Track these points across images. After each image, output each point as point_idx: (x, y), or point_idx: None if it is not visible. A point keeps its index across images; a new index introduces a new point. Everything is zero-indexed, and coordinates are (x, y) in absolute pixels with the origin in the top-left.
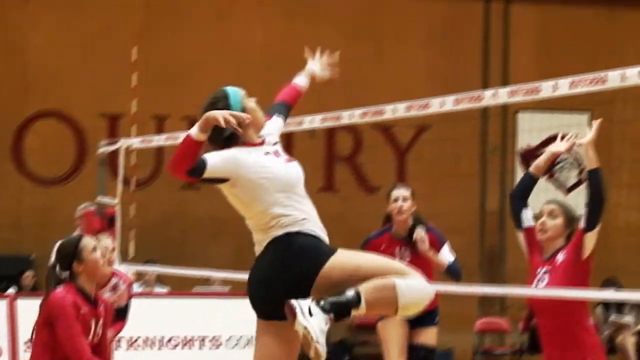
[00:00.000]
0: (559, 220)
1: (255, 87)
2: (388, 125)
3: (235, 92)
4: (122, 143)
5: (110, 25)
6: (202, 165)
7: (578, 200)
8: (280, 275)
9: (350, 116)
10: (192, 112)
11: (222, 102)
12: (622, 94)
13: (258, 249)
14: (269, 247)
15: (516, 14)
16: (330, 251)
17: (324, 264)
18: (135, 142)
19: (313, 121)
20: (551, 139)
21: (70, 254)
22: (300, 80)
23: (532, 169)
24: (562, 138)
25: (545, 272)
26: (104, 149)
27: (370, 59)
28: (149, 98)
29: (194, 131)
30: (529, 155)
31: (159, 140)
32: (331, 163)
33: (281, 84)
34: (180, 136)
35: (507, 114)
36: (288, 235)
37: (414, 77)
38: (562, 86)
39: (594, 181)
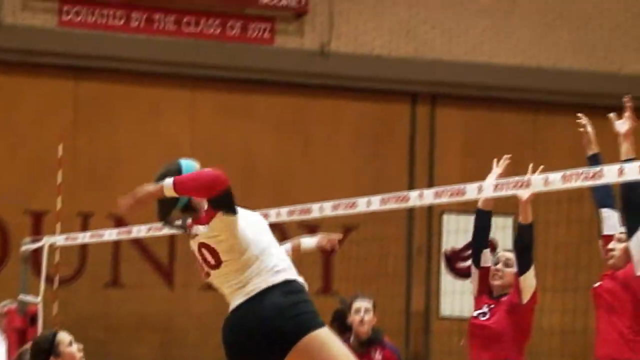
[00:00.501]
0: (514, 270)
1: None
2: (315, 224)
3: (188, 165)
4: (46, 241)
5: (38, 121)
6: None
7: None
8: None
9: (277, 214)
10: (117, 210)
11: (174, 174)
12: (545, 197)
13: (240, 298)
14: (268, 293)
15: (442, 116)
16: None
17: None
18: (60, 239)
19: None
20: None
21: (46, 350)
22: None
23: (480, 204)
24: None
25: (489, 308)
26: (28, 246)
27: (299, 157)
28: (75, 195)
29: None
30: (454, 256)
31: (83, 237)
32: None
33: None
34: (105, 233)
35: (432, 214)
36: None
37: (342, 176)
38: (487, 189)
39: (524, 232)
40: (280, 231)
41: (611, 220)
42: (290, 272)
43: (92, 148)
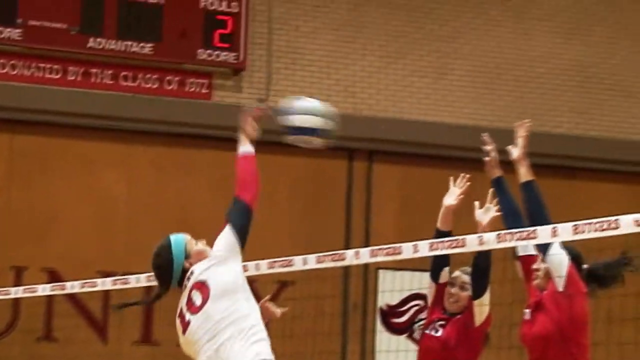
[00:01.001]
0: (469, 293)
1: (119, 239)
2: (250, 280)
3: (178, 241)
4: None
5: None
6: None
7: None
8: None
9: None
10: (52, 264)
11: (164, 252)
12: None
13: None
14: None
15: (379, 172)
16: None
17: None
18: None
19: None
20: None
21: None
22: None
23: (438, 224)
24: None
25: (440, 324)
26: None
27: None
28: (8, 248)
29: (247, 148)
30: (390, 313)
31: (16, 292)
32: None
33: (145, 237)
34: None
35: (368, 272)
36: None
37: (278, 232)
38: (423, 248)
39: (481, 255)
40: None
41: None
42: (267, 349)
43: (26, 201)
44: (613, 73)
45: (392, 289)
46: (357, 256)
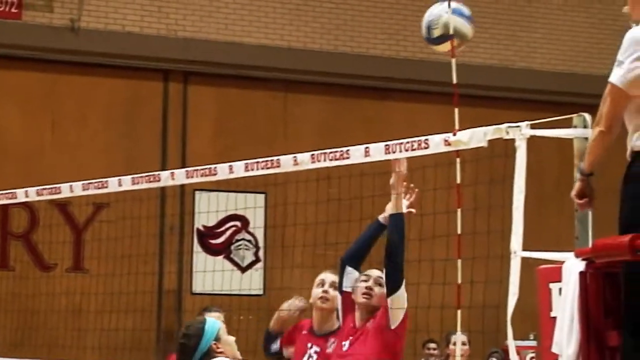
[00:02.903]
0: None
1: None
2: (65, 203)
3: (212, 328)
4: None
5: None
6: None
7: (252, 278)
8: None
9: (26, 194)
10: None
11: (194, 339)
12: (295, 176)
13: None
14: None
15: (194, 94)
16: None
17: None
18: None
19: None
20: (227, 219)
21: None
22: None
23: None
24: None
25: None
26: None
27: (49, 134)
28: None
29: None
30: (207, 234)
31: None
32: (5, 241)
33: None
34: None
35: (184, 193)
36: None
37: (93, 154)
38: (238, 169)
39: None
40: (30, 210)
41: (352, 276)
42: None
43: None
44: None
45: (208, 210)
46: (173, 177)
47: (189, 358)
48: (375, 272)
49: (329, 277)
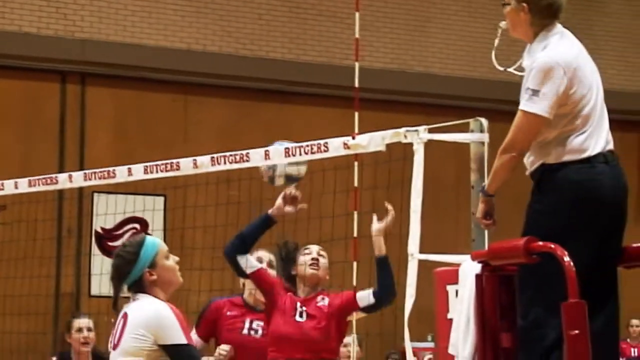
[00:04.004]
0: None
1: None
2: None
3: (151, 245)
4: None
5: None
6: None
7: None
8: None
9: None
10: None
11: (133, 250)
12: (195, 179)
13: None
14: None
15: (93, 96)
16: None
17: None
18: None
19: None
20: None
21: None
22: None
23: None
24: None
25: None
26: None
27: None
28: None
29: None
30: (106, 237)
31: None
32: None
33: None
34: None
35: (83, 196)
36: None
37: None
38: (137, 171)
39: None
40: None
41: (250, 258)
42: None
43: None
44: None
45: (106, 212)
46: (71, 180)
47: (120, 283)
48: (314, 246)
49: (265, 255)
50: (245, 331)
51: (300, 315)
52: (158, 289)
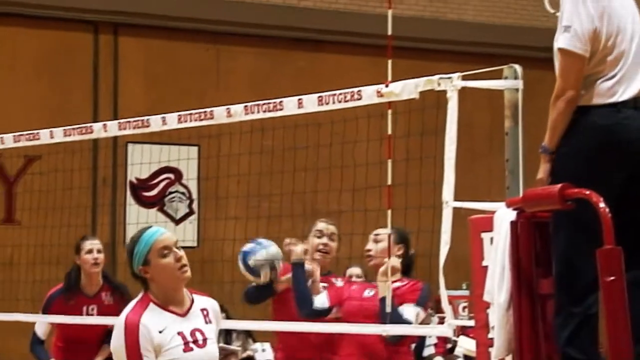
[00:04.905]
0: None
1: None
2: None
3: (145, 242)
4: None
5: None
6: None
7: (186, 230)
8: None
9: None
10: None
11: (129, 246)
12: (229, 128)
13: None
14: None
15: (125, 46)
16: None
17: None
18: None
19: None
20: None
21: None
22: None
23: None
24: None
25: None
26: None
27: None
28: None
29: None
30: (140, 187)
31: None
32: None
33: None
34: None
35: (117, 145)
36: None
37: (23, 107)
38: (171, 120)
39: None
40: None
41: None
42: None
43: None
44: None
45: (141, 162)
46: (106, 129)
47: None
48: (328, 227)
49: (329, 227)
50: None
51: None
52: (156, 285)
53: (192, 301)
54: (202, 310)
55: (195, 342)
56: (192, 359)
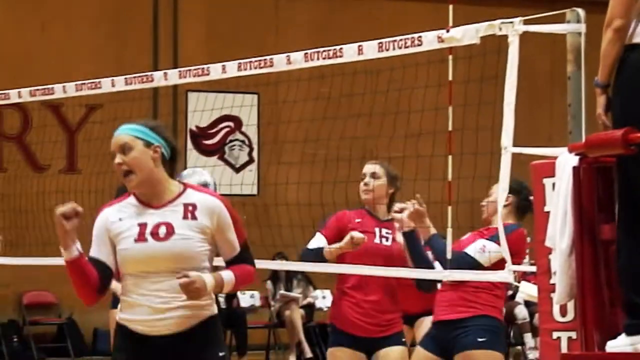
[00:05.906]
0: (382, 181)
1: None
2: (57, 105)
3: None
4: None
5: None
6: None
7: (245, 179)
8: None
9: (19, 95)
10: None
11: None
12: (288, 76)
13: None
14: None
15: None
16: None
17: None
18: None
19: None
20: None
21: None
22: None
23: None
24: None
25: (388, 232)
26: None
27: (37, 36)
28: None
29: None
30: (200, 135)
31: None
32: None
33: None
34: None
35: (177, 94)
36: None
37: (82, 55)
38: (231, 68)
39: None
40: (23, 112)
41: None
42: None
43: None
44: None
45: (203, 109)
46: (166, 77)
47: None
48: (370, 167)
49: (368, 168)
50: (376, 239)
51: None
52: None
53: (178, 195)
54: (187, 205)
55: (154, 234)
56: (143, 250)
